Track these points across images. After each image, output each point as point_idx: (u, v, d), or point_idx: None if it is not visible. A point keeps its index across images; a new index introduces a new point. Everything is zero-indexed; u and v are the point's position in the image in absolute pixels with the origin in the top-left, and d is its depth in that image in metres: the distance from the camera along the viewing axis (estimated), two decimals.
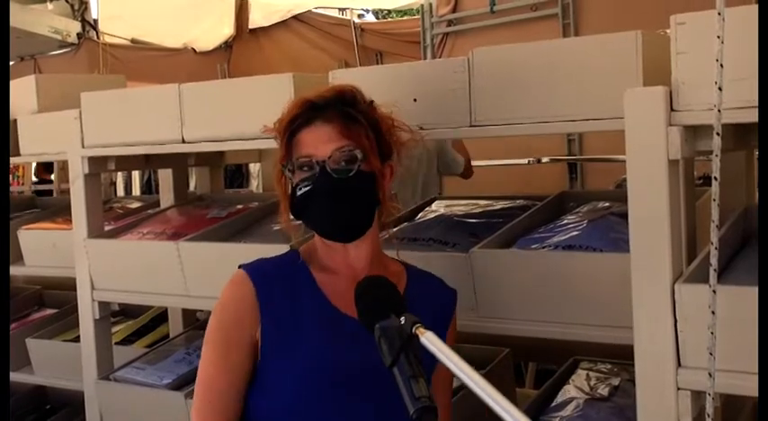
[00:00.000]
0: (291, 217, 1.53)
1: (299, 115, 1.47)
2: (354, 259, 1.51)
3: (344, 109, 1.47)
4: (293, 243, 1.76)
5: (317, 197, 1.45)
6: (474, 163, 5.27)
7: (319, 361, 1.44)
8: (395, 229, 2.11)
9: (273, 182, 1.55)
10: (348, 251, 1.51)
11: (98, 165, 2.52)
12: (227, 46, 7.29)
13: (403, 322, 1.16)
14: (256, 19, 7.04)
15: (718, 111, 1.29)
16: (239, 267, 1.53)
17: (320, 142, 1.44)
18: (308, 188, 1.45)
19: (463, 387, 1.41)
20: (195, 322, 2.88)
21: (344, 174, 1.44)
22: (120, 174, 6.26)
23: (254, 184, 6.02)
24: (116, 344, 2.79)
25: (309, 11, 6.92)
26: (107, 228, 2.68)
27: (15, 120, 2.94)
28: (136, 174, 6.51)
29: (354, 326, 1.42)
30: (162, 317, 3.11)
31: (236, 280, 1.51)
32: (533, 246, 1.84)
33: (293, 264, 1.53)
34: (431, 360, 1.15)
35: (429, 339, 1.13)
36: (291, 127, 1.47)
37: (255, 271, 1.51)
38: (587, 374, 2.04)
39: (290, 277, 1.51)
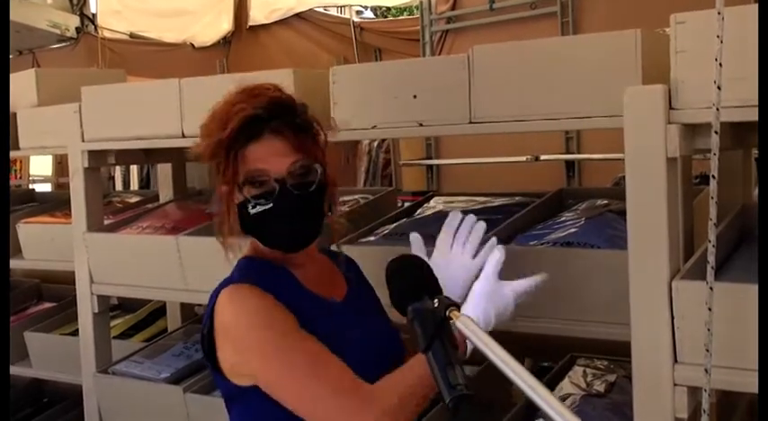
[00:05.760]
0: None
1: (243, 130, 1.37)
2: (309, 248, 1.49)
3: (291, 120, 1.40)
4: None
5: (277, 215, 1.39)
6: (472, 160, 5.30)
7: (345, 345, 1.36)
8: (393, 225, 2.14)
9: (219, 200, 1.45)
10: None
11: (98, 158, 2.52)
12: (226, 41, 7.29)
13: (436, 305, 1.09)
14: (257, 17, 7.04)
15: (717, 109, 1.30)
16: (228, 284, 1.42)
17: (272, 157, 1.38)
18: (266, 206, 1.39)
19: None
20: (194, 316, 2.89)
21: (305, 190, 1.39)
22: (118, 168, 6.25)
23: None
24: (114, 338, 2.79)
25: (309, 8, 6.92)
26: (106, 222, 2.69)
27: (15, 114, 2.94)
28: (134, 169, 6.51)
29: (338, 306, 1.48)
30: (160, 311, 3.11)
31: (245, 290, 1.41)
32: (531, 243, 1.85)
33: (261, 266, 1.46)
34: None
35: (464, 323, 1.05)
36: (236, 143, 1.38)
37: (251, 279, 1.42)
38: (584, 371, 2.04)
39: (271, 279, 1.43)
